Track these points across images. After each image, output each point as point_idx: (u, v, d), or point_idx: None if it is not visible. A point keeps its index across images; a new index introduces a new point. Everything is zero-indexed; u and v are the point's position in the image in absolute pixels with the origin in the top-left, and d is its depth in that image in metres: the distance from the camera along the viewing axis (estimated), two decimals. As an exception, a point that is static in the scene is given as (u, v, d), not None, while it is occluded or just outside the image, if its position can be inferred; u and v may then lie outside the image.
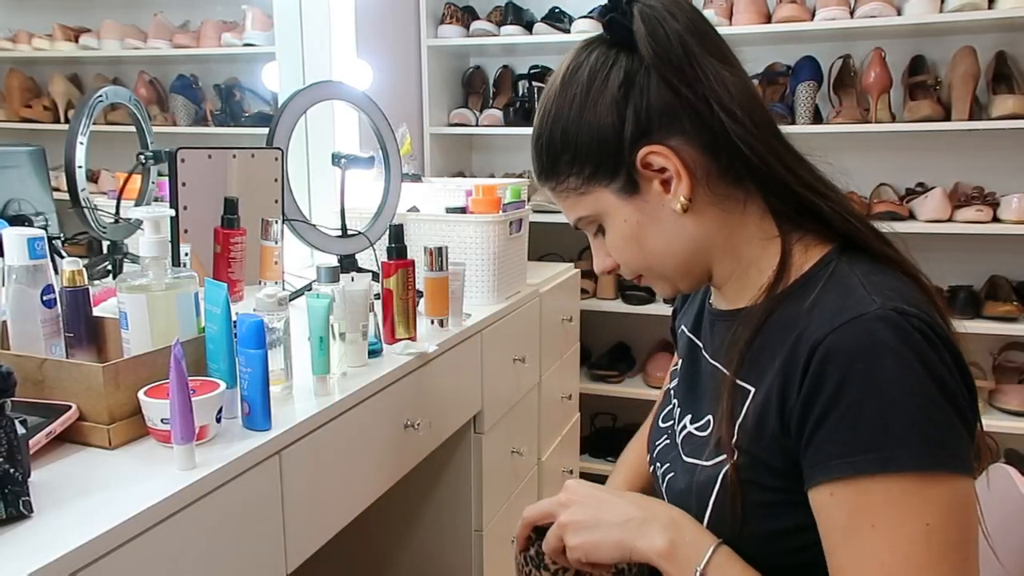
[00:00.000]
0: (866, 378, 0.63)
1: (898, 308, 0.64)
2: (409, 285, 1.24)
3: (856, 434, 0.63)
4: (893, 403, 0.62)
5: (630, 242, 0.77)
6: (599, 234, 0.80)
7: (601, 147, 0.74)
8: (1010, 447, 2.36)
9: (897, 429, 0.62)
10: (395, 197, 1.68)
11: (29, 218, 1.26)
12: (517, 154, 2.81)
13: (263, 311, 0.95)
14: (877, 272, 0.70)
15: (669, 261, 0.78)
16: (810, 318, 0.68)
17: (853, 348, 0.64)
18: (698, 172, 0.73)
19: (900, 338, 0.63)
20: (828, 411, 0.64)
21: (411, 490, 1.58)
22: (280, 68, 1.91)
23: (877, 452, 0.62)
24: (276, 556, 0.91)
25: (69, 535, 0.66)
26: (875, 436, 0.62)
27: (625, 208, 0.76)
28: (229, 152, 1.33)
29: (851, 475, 0.63)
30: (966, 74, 2.11)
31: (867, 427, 0.63)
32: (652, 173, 0.74)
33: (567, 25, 2.46)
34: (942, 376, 0.63)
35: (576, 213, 0.79)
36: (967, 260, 2.34)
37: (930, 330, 0.64)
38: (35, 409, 0.83)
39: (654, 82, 0.72)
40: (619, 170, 0.74)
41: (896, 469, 0.62)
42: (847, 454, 0.63)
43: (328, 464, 1.01)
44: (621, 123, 0.73)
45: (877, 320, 0.64)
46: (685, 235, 0.76)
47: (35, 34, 1.87)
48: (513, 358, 1.67)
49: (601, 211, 0.77)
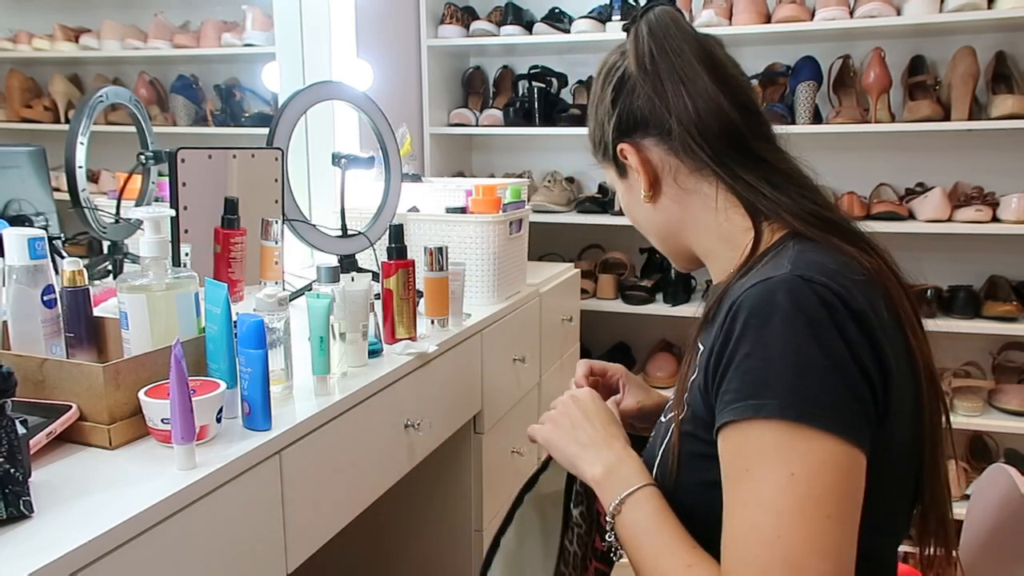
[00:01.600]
0: (756, 333, 0.69)
1: (804, 275, 0.70)
2: (409, 285, 1.25)
3: (742, 383, 0.69)
4: (772, 357, 0.68)
5: (628, 213, 0.95)
6: None
7: (600, 137, 0.91)
8: (1010, 447, 2.36)
9: (772, 380, 0.68)
10: (395, 197, 1.68)
11: (29, 218, 1.26)
12: (517, 154, 2.81)
13: (263, 311, 0.95)
14: (817, 251, 0.75)
15: (650, 236, 0.95)
16: (741, 284, 0.75)
17: (753, 306, 0.70)
18: (665, 169, 0.87)
19: (793, 300, 0.68)
20: (729, 363, 0.71)
21: (411, 490, 1.58)
22: (280, 68, 1.91)
23: (753, 400, 0.68)
24: (276, 556, 0.91)
25: (69, 535, 0.66)
26: (754, 386, 0.68)
27: (620, 185, 0.94)
28: (229, 152, 1.33)
29: (733, 420, 0.69)
30: (966, 74, 2.12)
31: (750, 378, 0.69)
32: (629, 168, 0.89)
33: (567, 25, 2.46)
34: (830, 341, 0.67)
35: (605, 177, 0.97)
36: (967, 260, 2.34)
37: (837, 299, 0.69)
38: (35, 409, 0.84)
39: (641, 90, 0.85)
40: (608, 158, 0.92)
41: (766, 415, 0.67)
42: (733, 401, 0.70)
43: (328, 464, 1.01)
44: (608, 120, 0.89)
45: (780, 283, 0.70)
46: (654, 219, 0.91)
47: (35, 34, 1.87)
48: (513, 358, 1.67)
49: (612, 183, 0.96)
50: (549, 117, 2.52)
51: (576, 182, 2.70)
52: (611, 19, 2.37)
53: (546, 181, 2.62)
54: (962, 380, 2.25)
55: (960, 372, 2.30)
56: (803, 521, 0.65)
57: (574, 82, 2.64)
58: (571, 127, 2.48)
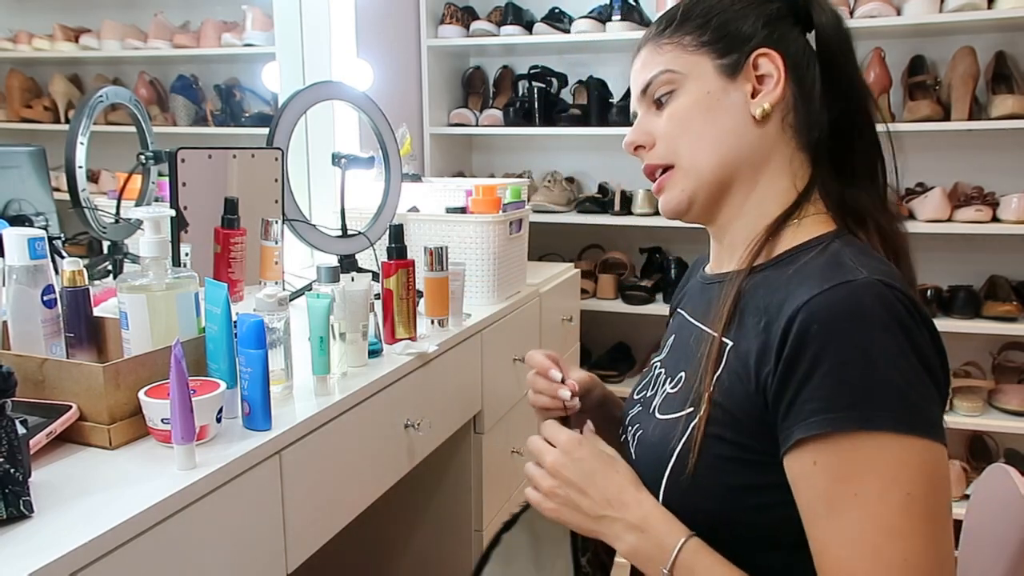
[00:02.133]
0: (851, 339, 0.65)
1: (884, 280, 0.67)
2: (409, 285, 1.25)
3: (839, 392, 0.65)
4: (876, 365, 0.64)
5: (698, 112, 0.82)
6: (660, 106, 0.84)
7: (734, 29, 0.81)
8: (1010, 447, 2.36)
9: (879, 390, 0.64)
10: (395, 197, 1.68)
11: (29, 218, 1.26)
12: (517, 154, 2.81)
13: (263, 311, 0.95)
14: (868, 255, 0.74)
15: (715, 152, 0.81)
16: (795, 282, 0.71)
17: (840, 311, 0.66)
18: (784, 103, 0.81)
19: (885, 306, 0.66)
20: (812, 370, 0.66)
21: (411, 490, 1.58)
22: (280, 68, 1.91)
23: (859, 410, 0.64)
24: (276, 556, 0.91)
25: (69, 535, 0.66)
26: (857, 395, 0.64)
27: (715, 82, 0.81)
28: (229, 152, 1.33)
29: (831, 432, 0.64)
30: (966, 74, 2.12)
31: (850, 386, 0.64)
32: (752, 76, 0.81)
33: (567, 25, 2.46)
34: (922, 347, 0.66)
35: (664, 66, 0.83)
36: (967, 260, 2.34)
37: (912, 306, 0.67)
38: (35, 409, 0.84)
39: (798, 37, 0.83)
40: (732, 53, 0.81)
41: (875, 427, 0.63)
42: (828, 410, 0.65)
43: (328, 464, 1.01)
44: (761, 27, 0.81)
45: (865, 287, 0.66)
46: (744, 139, 0.81)
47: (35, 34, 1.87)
48: (513, 358, 1.67)
49: (691, 73, 0.82)
50: (549, 117, 2.52)
51: (576, 182, 2.70)
52: (611, 19, 2.37)
53: (546, 181, 2.62)
54: (962, 380, 2.25)
55: (960, 372, 2.30)
56: (927, 540, 0.63)
57: (574, 82, 2.64)
58: (571, 127, 2.48)
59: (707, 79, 0.81)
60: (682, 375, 0.82)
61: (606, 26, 2.38)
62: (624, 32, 2.35)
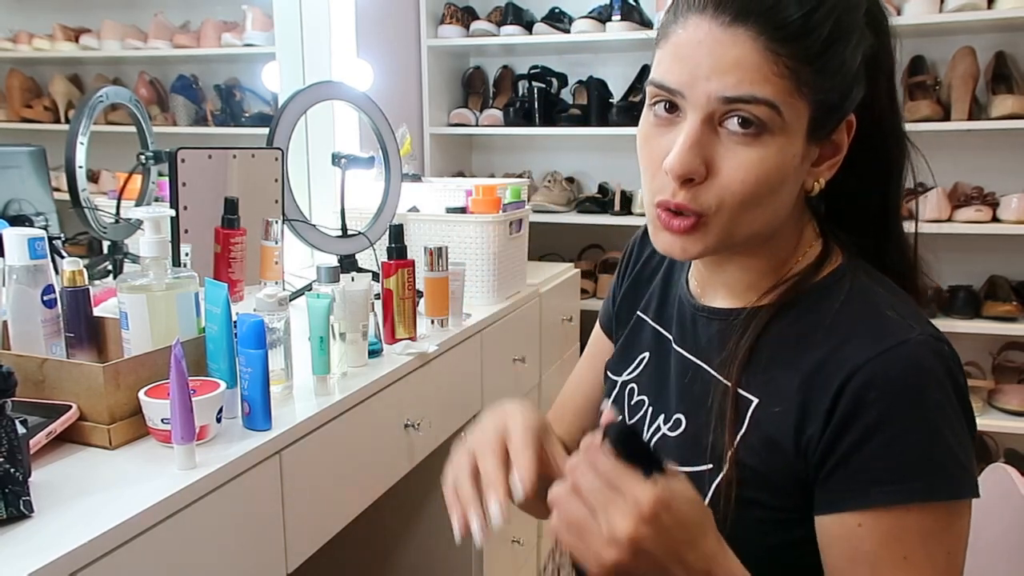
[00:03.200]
0: (913, 406, 0.62)
1: (935, 335, 0.65)
2: (409, 285, 1.24)
3: (902, 463, 0.62)
4: (937, 432, 0.62)
5: (771, 178, 0.64)
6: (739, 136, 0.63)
7: (845, 78, 0.65)
8: (1010, 447, 2.36)
9: (941, 460, 0.62)
10: (395, 197, 1.68)
11: (29, 218, 1.26)
12: (517, 154, 2.81)
13: (263, 311, 0.95)
14: (894, 292, 0.71)
15: (759, 220, 0.67)
16: (836, 337, 0.66)
17: (900, 375, 0.63)
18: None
19: (942, 366, 0.63)
20: (868, 438, 0.63)
21: (411, 490, 1.58)
22: (280, 68, 1.91)
23: (923, 481, 0.62)
24: (276, 556, 0.91)
25: (69, 535, 0.66)
26: (921, 466, 0.62)
27: (801, 145, 0.65)
28: (229, 152, 1.33)
29: (892, 503, 0.62)
30: (965, 74, 2.12)
31: (913, 457, 0.62)
32: (831, 141, 0.69)
33: (567, 25, 2.46)
34: (967, 403, 0.65)
35: (771, 97, 0.62)
36: (966, 260, 2.34)
37: (956, 359, 0.65)
38: (36, 409, 0.84)
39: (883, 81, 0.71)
40: (835, 112, 0.66)
41: (937, 498, 0.62)
42: (892, 482, 0.62)
43: (328, 464, 1.01)
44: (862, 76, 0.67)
45: (920, 347, 0.63)
46: (788, 210, 0.70)
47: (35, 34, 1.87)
48: (513, 358, 1.67)
49: (789, 124, 0.63)
50: (549, 117, 2.52)
51: (576, 182, 2.70)
52: (611, 19, 2.37)
53: (546, 181, 2.62)
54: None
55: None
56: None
57: (574, 82, 2.64)
58: (571, 127, 2.48)
59: (797, 138, 0.65)
60: (680, 418, 0.75)
61: (606, 26, 2.38)
62: (624, 32, 2.35)
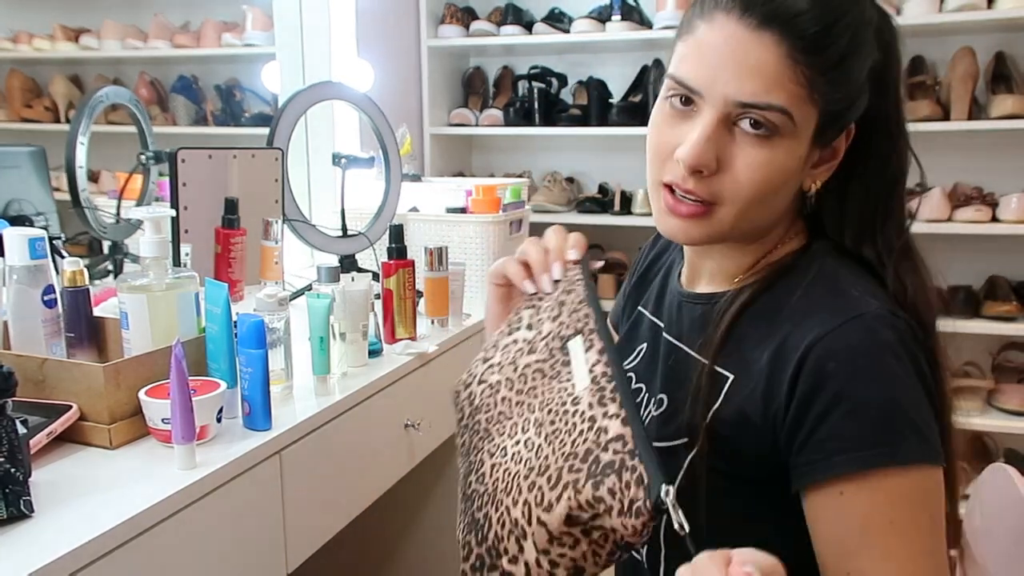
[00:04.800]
0: (871, 375, 0.65)
1: (892, 310, 0.68)
2: (409, 285, 1.25)
3: (864, 429, 0.64)
4: (896, 399, 0.65)
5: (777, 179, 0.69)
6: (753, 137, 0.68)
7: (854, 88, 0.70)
8: (1010, 447, 2.36)
9: (900, 424, 0.65)
10: (395, 197, 1.68)
11: (30, 218, 1.26)
12: (517, 154, 2.81)
13: (263, 311, 0.95)
14: (858, 275, 0.72)
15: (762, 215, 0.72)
16: (800, 313, 0.69)
17: (857, 346, 0.65)
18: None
19: (898, 337, 0.66)
20: (831, 408, 0.65)
21: (411, 490, 1.58)
22: (280, 68, 1.91)
23: (886, 446, 0.64)
24: (276, 556, 0.91)
25: (69, 535, 0.66)
26: (882, 431, 0.64)
27: (806, 148, 0.70)
28: (229, 152, 1.33)
29: (861, 470, 0.64)
30: (965, 74, 2.12)
31: (873, 422, 0.64)
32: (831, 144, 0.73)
33: (567, 25, 2.46)
34: (925, 374, 0.67)
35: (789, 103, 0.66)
36: (966, 260, 2.34)
37: (913, 334, 0.68)
38: (36, 409, 0.84)
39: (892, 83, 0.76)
40: (841, 120, 0.71)
41: (903, 461, 0.64)
42: (856, 448, 0.64)
43: (328, 464, 1.01)
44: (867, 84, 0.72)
45: (877, 319, 0.66)
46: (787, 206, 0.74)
47: (36, 35, 1.88)
48: (513, 358, 1.67)
49: (800, 130, 0.68)
50: (549, 117, 2.52)
51: (576, 182, 2.70)
52: (611, 19, 2.37)
53: (546, 181, 2.62)
54: (961, 380, 2.25)
55: (959, 372, 2.30)
56: (944, 555, 0.66)
57: (574, 82, 2.64)
58: (571, 127, 2.48)
59: (804, 143, 0.69)
60: (663, 397, 0.79)
61: (606, 26, 2.38)
62: (624, 32, 2.35)
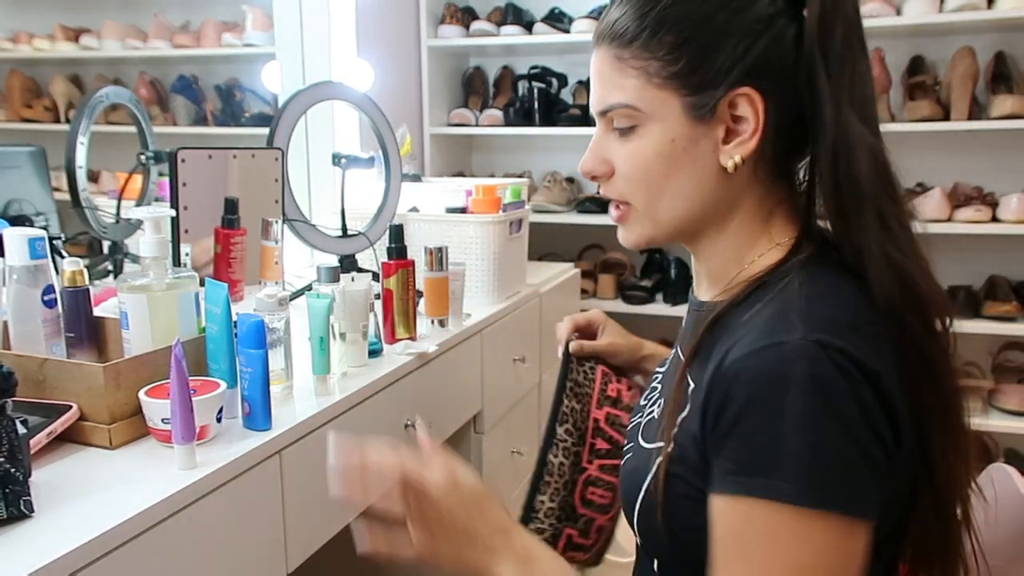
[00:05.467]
0: (767, 406, 0.62)
1: (822, 340, 0.61)
2: (409, 285, 1.25)
3: (750, 457, 0.62)
4: (788, 434, 0.61)
5: (659, 163, 0.72)
6: (620, 134, 0.74)
7: (711, 59, 0.69)
8: (1010, 447, 2.36)
9: (787, 461, 0.61)
10: (395, 197, 1.68)
11: (30, 218, 1.26)
12: (517, 154, 2.81)
13: (263, 311, 0.95)
14: (829, 293, 0.68)
15: (677, 206, 0.74)
16: (744, 330, 0.67)
17: (762, 374, 0.62)
18: (764, 145, 0.70)
19: (812, 372, 0.61)
20: (731, 429, 0.63)
21: (411, 490, 1.58)
22: (280, 68, 1.91)
23: (764, 479, 0.61)
24: (276, 556, 0.91)
25: (69, 535, 0.66)
26: (765, 463, 0.62)
27: (682, 127, 0.71)
28: (229, 152, 1.33)
29: (735, 493, 0.63)
30: (965, 74, 2.12)
31: (759, 453, 0.62)
32: (728, 117, 0.70)
33: (567, 25, 2.46)
34: (849, 413, 0.61)
35: (627, 98, 0.72)
36: (966, 260, 2.34)
37: (853, 365, 0.61)
38: (36, 409, 0.84)
39: (789, 38, 0.69)
40: (706, 90, 0.69)
41: (780, 498, 0.61)
42: (739, 472, 0.63)
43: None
44: (743, 52, 0.69)
45: (794, 350, 0.62)
46: (711, 192, 0.73)
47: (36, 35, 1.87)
48: (513, 358, 1.67)
49: (656, 114, 0.71)
50: (549, 117, 2.52)
51: (576, 182, 2.70)
52: (611, 19, 2.37)
53: (546, 181, 2.62)
54: (961, 380, 2.25)
55: (960, 372, 2.30)
56: None
57: (574, 82, 2.64)
58: (571, 127, 2.48)
59: (673, 122, 0.71)
60: (662, 401, 0.80)
61: (606, 26, 2.37)
62: None
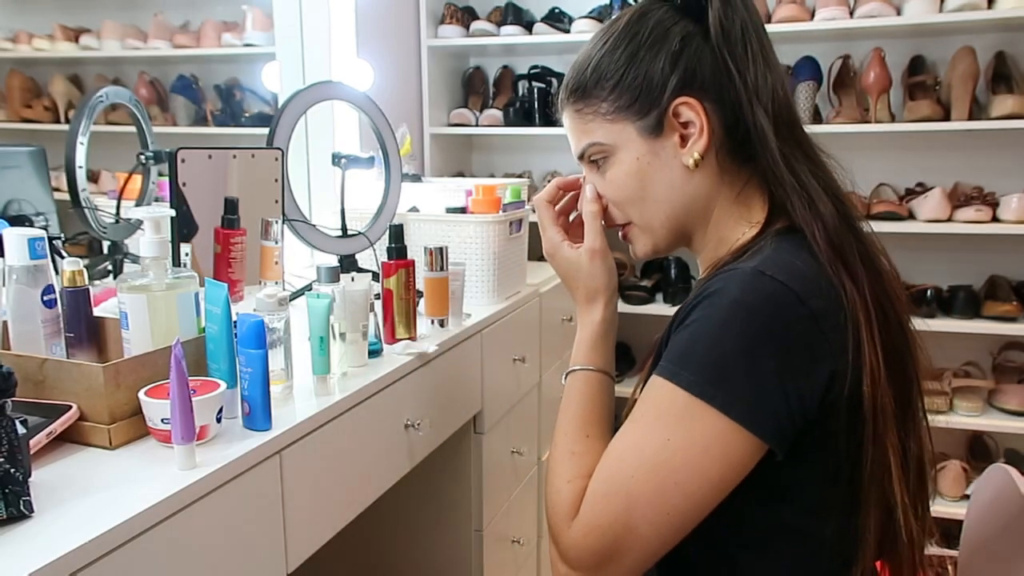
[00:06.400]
0: (703, 311, 0.74)
1: (763, 270, 0.73)
2: (409, 285, 1.25)
3: (677, 350, 0.75)
4: (704, 335, 0.74)
5: (633, 180, 0.86)
6: (600, 169, 0.90)
7: (646, 85, 0.83)
8: (1010, 447, 2.36)
9: (696, 355, 0.73)
10: (395, 197, 1.68)
11: (29, 218, 1.26)
12: (517, 154, 2.81)
13: (263, 311, 0.95)
14: (795, 254, 0.77)
15: (662, 210, 0.87)
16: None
17: (709, 289, 0.75)
18: (715, 139, 0.83)
19: (743, 290, 0.73)
20: (676, 333, 0.77)
21: (411, 490, 1.58)
22: (280, 68, 1.91)
23: (676, 366, 0.74)
24: (276, 556, 0.91)
25: (69, 535, 0.66)
26: (684, 356, 0.74)
27: (642, 146, 0.85)
28: (229, 152, 1.33)
29: (659, 375, 0.75)
30: (965, 74, 2.12)
31: (681, 347, 0.75)
32: (677, 125, 0.83)
33: (567, 25, 2.46)
34: (760, 333, 0.71)
35: (592, 138, 0.88)
36: (966, 260, 2.34)
37: (791, 295, 0.72)
38: (36, 409, 0.84)
39: (708, 52, 0.82)
40: (652, 111, 0.83)
41: (679, 383, 0.73)
42: (667, 360, 0.76)
43: (328, 464, 1.01)
44: (671, 71, 0.82)
45: (740, 273, 0.74)
46: (685, 190, 0.85)
47: (35, 34, 1.87)
48: (513, 358, 1.67)
49: (618, 143, 0.86)
50: (549, 117, 2.52)
51: (576, 182, 2.70)
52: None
53: (546, 181, 2.62)
54: (962, 380, 2.25)
55: (960, 372, 2.30)
56: (654, 478, 0.73)
57: (574, 82, 2.64)
58: (571, 127, 2.47)
59: (634, 145, 0.85)
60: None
61: (606, 26, 2.37)
62: None
